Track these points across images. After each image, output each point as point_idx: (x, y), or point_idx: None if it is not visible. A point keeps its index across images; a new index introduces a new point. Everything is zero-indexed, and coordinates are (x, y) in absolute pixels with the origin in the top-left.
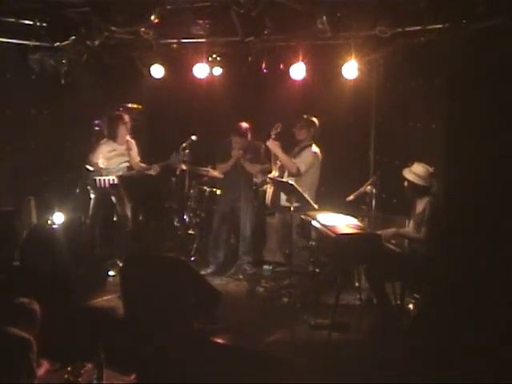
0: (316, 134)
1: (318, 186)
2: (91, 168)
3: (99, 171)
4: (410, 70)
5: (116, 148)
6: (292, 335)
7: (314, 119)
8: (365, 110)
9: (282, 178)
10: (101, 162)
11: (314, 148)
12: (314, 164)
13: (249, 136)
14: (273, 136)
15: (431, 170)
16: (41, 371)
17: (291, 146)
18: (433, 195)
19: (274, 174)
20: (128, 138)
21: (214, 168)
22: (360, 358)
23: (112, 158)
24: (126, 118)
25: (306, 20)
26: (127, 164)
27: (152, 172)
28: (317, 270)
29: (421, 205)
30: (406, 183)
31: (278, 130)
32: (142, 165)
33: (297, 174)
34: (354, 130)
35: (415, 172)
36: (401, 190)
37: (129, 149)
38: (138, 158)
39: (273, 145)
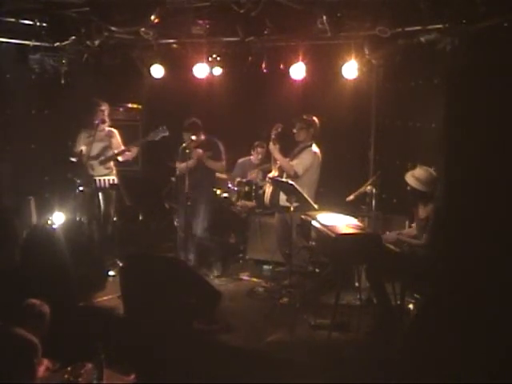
0: (316, 134)
1: (317, 187)
2: (74, 159)
3: (82, 161)
4: (410, 70)
5: (92, 133)
6: (292, 335)
7: (314, 119)
8: (365, 110)
9: (282, 177)
10: (83, 149)
11: (314, 148)
12: (312, 165)
13: (201, 132)
14: (273, 136)
15: (434, 174)
16: (41, 370)
17: (292, 147)
18: (437, 200)
19: (274, 173)
20: (108, 127)
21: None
22: (360, 358)
23: (90, 144)
24: (102, 104)
25: (306, 20)
26: (111, 151)
27: (131, 153)
28: (317, 270)
29: (424, 210)
30: (408, 187)
31: (279, 130)
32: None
33: (294, 176)
34: (354, 130)
35: (417, 177)
36: (401, 190)
37: (109, 136)
38: (121, 147)
39: (272, 148)
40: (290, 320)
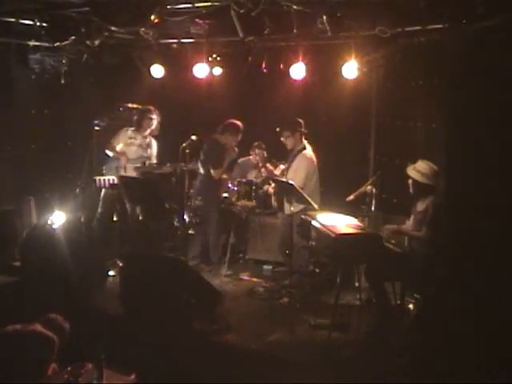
0: (304, 133)
1: (319, 186)
2: (110, 153)
3: (117, 157)
4: (410, 70)
5: (136, 137)
6: (292, 335)
7: (296, 121)
8: (365, 110)
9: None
10: (120, 146)
11: (307, 152)
12: (309, 172)
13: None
14: (257, 158)
15: (435, 167)
16: (49, 372)
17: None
18: (437, 195)
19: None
20: (150, 135)
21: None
22: (360, 358)
23: (130, 146)
24: (154, 113)
25: (306, 20)
26: (146, 160)
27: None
28: (317, 270)
29: (423, 203)
30: (409, 181)
31: (263, 150)
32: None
33: None
34: (354, 130)
35: (418, 170)
36: (401, 189)
37: (150, 147)
38: (154, 160)
39: (268, 172)
40: (290, 320)
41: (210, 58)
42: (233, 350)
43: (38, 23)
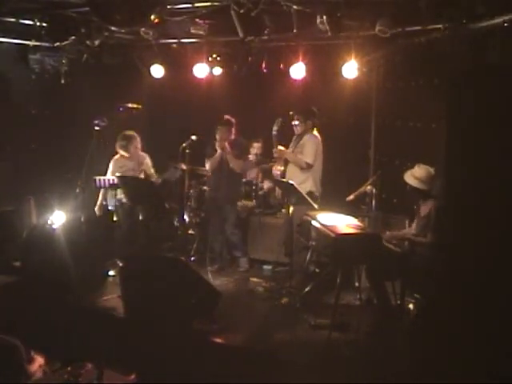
0: (316, 123)
1: (321, 171)
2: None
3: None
4: (410, 70)
5: (126, 163)
6: (292, 335)
7: (309, 109)
8: (365, 110)
9: (285, 170)
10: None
11: (314, 133)
12: (318, 150)
13: (233, 130)
14: (274, 132)
15: (433, 172)
16: (34, 367)
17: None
18: (437, 198)
19: (277, 167)
20: (140, 152)
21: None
22: (360, 358)
23: (125, 172)
24: (138, 138)
25: (306, 20)
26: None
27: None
28: (317, 270)
29: (425, 208)
30: (408, 186)
31: (279, 124)
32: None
33: (307, 167)
34: (354, 130)
35: (416, 176)
36: (401, 190)
37: (140, 163)
38: (151, 171)
39: (280, 152)
40: (290, 320)
41: (210, 58)
42: (233, 350)
43: (38, 23)
